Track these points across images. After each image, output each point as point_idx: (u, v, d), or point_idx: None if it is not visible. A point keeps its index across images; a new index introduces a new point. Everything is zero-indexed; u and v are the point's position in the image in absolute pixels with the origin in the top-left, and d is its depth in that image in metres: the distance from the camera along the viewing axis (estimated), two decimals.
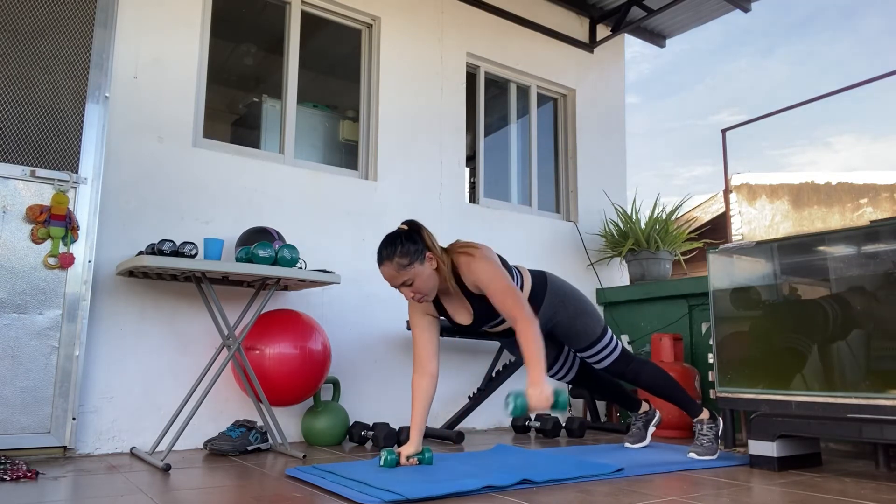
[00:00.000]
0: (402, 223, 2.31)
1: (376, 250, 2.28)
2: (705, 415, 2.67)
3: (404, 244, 2.21)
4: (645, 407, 2.95)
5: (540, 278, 2.55)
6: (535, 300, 2.50)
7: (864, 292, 2.28)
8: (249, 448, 2.72)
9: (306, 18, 3.73)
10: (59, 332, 2.60)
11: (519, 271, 2.51)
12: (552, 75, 4.73)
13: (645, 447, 2.88)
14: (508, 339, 2.66)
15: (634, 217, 4.37)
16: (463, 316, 2.43)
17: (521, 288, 2.47)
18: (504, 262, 2.42)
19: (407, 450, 2.31)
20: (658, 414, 2.95)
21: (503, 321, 2.46)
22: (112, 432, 2.77)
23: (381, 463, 2.24)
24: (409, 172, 3.88)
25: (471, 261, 2.26)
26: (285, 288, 3.12)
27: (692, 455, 2.59)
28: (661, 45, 5.34)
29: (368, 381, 3.50)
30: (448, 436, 3.12)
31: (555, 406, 2.03)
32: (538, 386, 2.04)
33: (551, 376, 2.77)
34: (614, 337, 2.64)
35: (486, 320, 2.42)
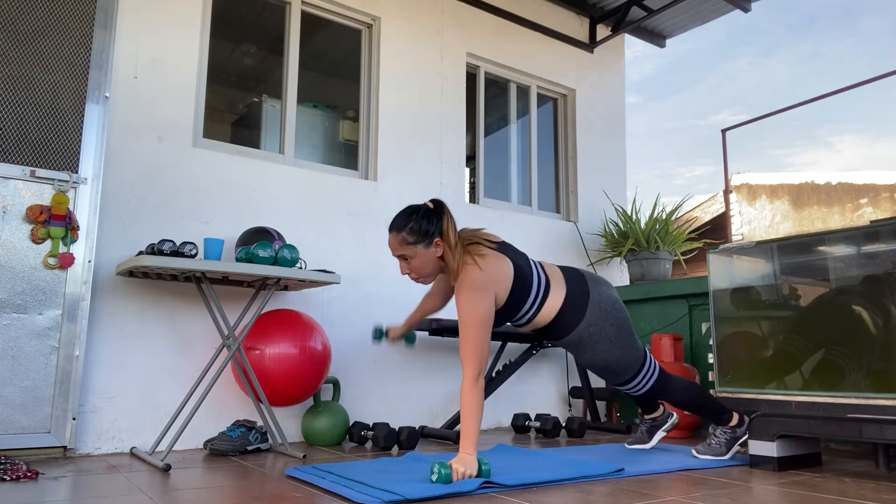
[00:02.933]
0: (430, 200, 2.24)
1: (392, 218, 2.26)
2: (735, 420, 2.57)
3: (419, 221, 2.16)
4: (659, 412, 2.82)
5: (579, 291, 2.30)
6: (565, 322, 2.29)
7: (864, 293, 2.28)
8: (249, 448, 2.72)
9: (306, 18, 3.73)
10: (59, 332, 2.60)
11: (545, 274, 2.29)
12: (552, 75, 4.72)
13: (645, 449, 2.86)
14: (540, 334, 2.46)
15: (634, 217, 4.37)
16: None
17: (545, 299, 2.27)
18: (522, 265, 2.25)
19: (396, 331, 2.57)
20: (673, 418, 2.81)
21: (525, 323, 2.34)
22: (112, 432, 2.77)
23: (373, 337, 2.56)
24: (409, 172, 3.88)
25: (464, 278, 2.12)
26: (285, 288, 3.12)
27: (693, 453, 2.58)
28: (661, 45, 5.34)
29: (368, 381, 3.50)
30: (448, 436, 3.12)
31: (479, 475, 2.00)
32: (464, 462, 1.95)
33: (626, 391, 2.57)
34: (653, 363, 2.48)
35: (501, 321, 2.31)
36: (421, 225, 2.16)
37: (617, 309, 2.38)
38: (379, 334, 2.55)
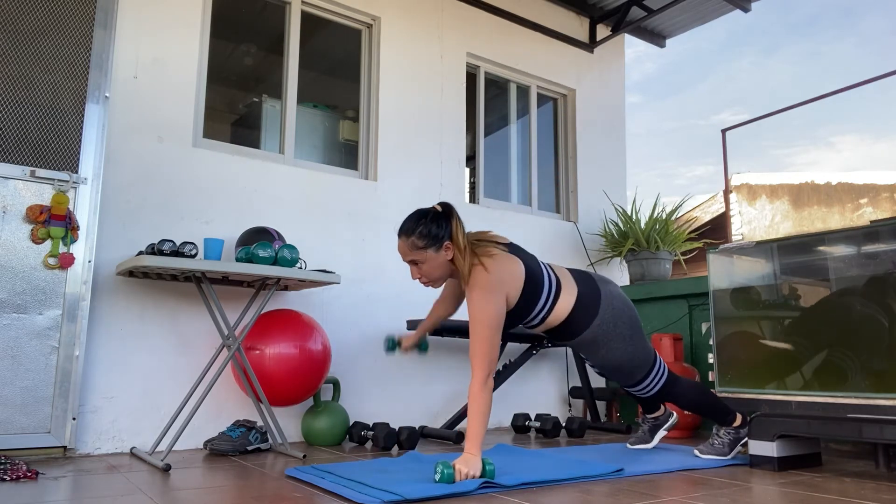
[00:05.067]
0: (438, 203, 2.23)
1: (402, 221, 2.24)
2: (738, 420, 2.57)
3: (427, 225, 2.15)
4: (660, 411, 2.84)
5: (590, 291, 2.32)
6: (578, 321, 2.29)
7: (865, 293, 2.28)
8: (249, 448, 2.72)
9: (306, 18, 3.73)
10: (59, 332, 2.60)
11: (555, 275, 2.30)
12: (552, 75, 4.72)
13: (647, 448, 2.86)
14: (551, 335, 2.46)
15: (634, 217, 4.37)
16: None
17: (556, 302, 2.27)
18: (532, 265, 2.25)
19: (408, 340, 2.49)
20: (673, 418, 2.84)
21: (538, 323, 2.33)
22: (112, 432, 2.77)
23: (385, 348, 2.48)
24: (409, 172, 3.88)
25: (475, 280, 2.12)
26: (285, 288, 3.12)
27: (696, 452, 2.58)
28: (661, 45, 5.34)
29: (368, 381, 3.50)
30: (448, 436, 3.12)
31: (483, 476, 2.00)
32: (467, 463, 1.96)
33: (636, 392, 2.58)
34: (662, 364, 2.49)
35: (513, 322, 2.31)
36: (430, 229, 2.15)
37: (629, 307, 2.41)
38: (392, 345, 2.49)
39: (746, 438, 2.55)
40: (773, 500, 1.86)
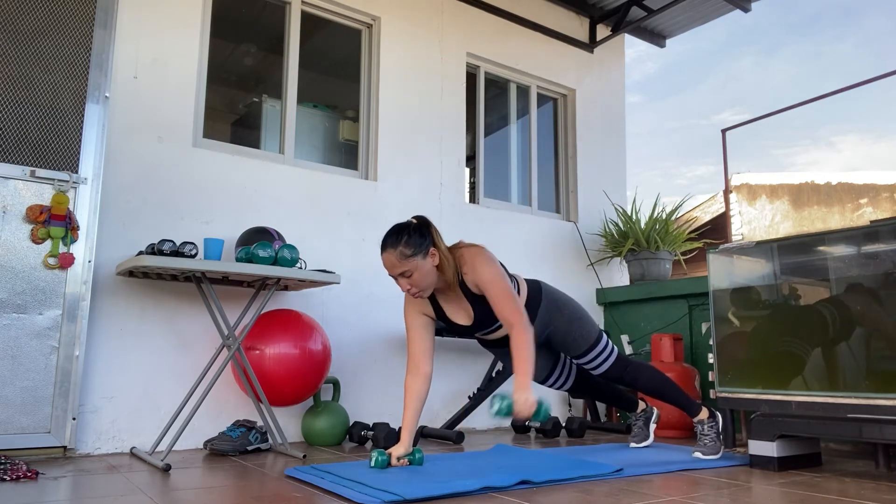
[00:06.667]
0: (413, 217, 2.33)
1: (382, 238, 2.31)
2: (704, 414, 2.67)
3: (411, 235, 2.23)
4: (642, 405, 2.96)
5: (535, 286, 2.56)
6: (531, 308, 2.50)
7: (864, 293, 2.28)
8: (249, 448, 2.72)
9: (306, 18, 3.73)
10: (59, 332, 2.60)
11: (516, 279, 2.50)
12: (552, 75, 4.72)
13: (648, 446, 2.88)
14: (502, 349, 2.61)
15: (634, 217, 4.37)
16: (461, 317, 2.42)
17: (518, 288, 2.48)
18: (504, 269, 2.42)
19: (397, 451, 2.30)
20: (656, 411, 2.95)
21: (500, 327, 2.46)
22: (112, 432, 2.77)
23: (372, 464, 2.22)
24: (409, 172, 3.88)
25: (475, 260, 2.29)
26: (285, 288, 3.12)
27: (697, 455, 2.59)
28: (661, 46, 5.34)
29: (368, 381, 3.50)
30: (448, 436, 3.12)
31: (536, 414, 2.09)
32: (524, 392, 2.10)
33: (549, 386, 2.78)
34: (610, 342, 2.63)
35: (486, 324, 2.42)
36: (415, 238, 2.24)
37: (564, 295, 2.64)
38: (380, 461, 2.22)
39: (721, 423, 2.69)
40: (773, 500, 1.86)
